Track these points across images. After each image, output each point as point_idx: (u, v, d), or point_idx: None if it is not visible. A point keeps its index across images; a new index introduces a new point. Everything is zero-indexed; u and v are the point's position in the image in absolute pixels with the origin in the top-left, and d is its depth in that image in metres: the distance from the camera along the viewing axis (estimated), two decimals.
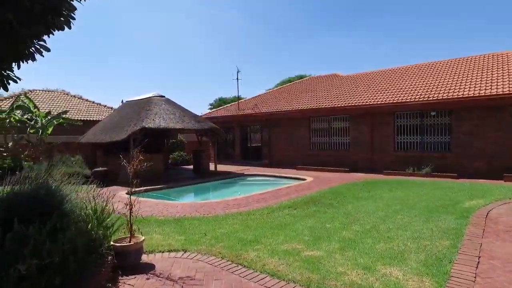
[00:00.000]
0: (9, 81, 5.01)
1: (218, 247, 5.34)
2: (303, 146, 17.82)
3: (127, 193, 11.32)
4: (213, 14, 68.51)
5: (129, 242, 4.63)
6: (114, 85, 79.81)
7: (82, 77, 76.16)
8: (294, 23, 74.47)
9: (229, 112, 22.53)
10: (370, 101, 15.00)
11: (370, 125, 15.24)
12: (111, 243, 4.54)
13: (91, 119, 20.57)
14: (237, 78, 21.82)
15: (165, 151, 19.32)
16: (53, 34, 4.81)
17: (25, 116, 16.34)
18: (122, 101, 19.26)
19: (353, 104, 15.43)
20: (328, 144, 17.01)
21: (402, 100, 13.87)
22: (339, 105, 15.95)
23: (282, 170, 16.41)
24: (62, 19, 4.24)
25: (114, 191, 12.01)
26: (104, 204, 5.03)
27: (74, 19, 4.36)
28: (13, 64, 5.02)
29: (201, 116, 19.68)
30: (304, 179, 13.31)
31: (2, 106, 17.39)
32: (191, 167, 18.72)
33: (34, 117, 16.14)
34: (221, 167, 18.64)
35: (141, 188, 12.17)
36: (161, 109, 15.24)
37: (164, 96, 16.53)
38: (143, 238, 4.81)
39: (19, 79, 5.12)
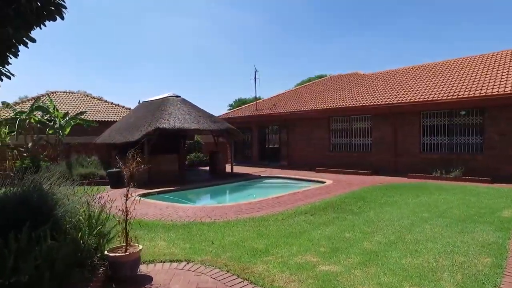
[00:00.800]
0: (1, 76, 4.78)
1: (224, 257, 4.86)
2: (323, 147, 17.14)
3: (138, 195, 11.17)
4: (233, 16, 68.53)
5: (125, 252, 4.22)
6: (136, 88, 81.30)
7: (107, 80, 78.00)
8: (314, 24, 73.44)
9: (246, 112, 22.10)
10: (393, 100, 14.17)
11: (393, 125, 14.40)
12: (105, 252, 4.14)
13: (110, 119, 20.63)
14: (255, 78, 21.34)
15: (182, 152, 19.08)
16: (45, 25, 4.51)
17: (45, 117, 16.51)
18: (139, 101, 19.21)
19: (375, 103, 14.64)
20: (349, 145, 16.26)
21: (429, 98, 12.97)
22: (360, 104, 15.19)
23: (301, 172, 15.80)
24: (52, 8, 3.91)
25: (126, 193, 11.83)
26: (101, 208, 4.61)
27: (65, 7, 4.02)
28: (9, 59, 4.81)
29: (217, 116, 19.32)
30: (323, 182, 12.66)
31: (24, 107, 17.62)
32: (208, 168, 18.40)
33: (53, 118, 16.26)
34: (238, 169, 18.23)
35: (154, 190, 12.07)
36: (176, 109, 14.96)
37: (179, 96, 16.26)
38: (140, 247, 4.39)
39: (13, 75, 4.88)
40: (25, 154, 15.52)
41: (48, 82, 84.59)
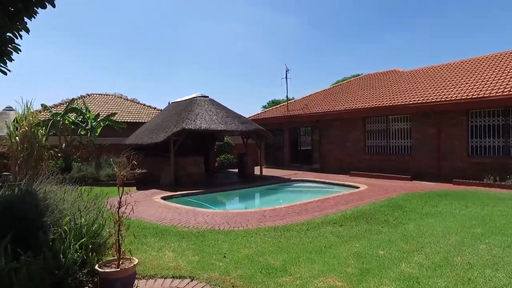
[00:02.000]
0: None
1: (234, 275, 4.22)
2: (357, 150, 16.03)
3: (162, 198, 10.86)
4: (269, 17, 68.17)
5: (117, 267, 3.70)
6: (172, 90, 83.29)
7: (144, 83, 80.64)
8: (349, 23, 71.23)
9: (278, 113, 21.40)
10: (436, 98, 12.82)
11: (436, 125, 13.05)
12: (96, 267, 3.64)
13: (141, 121, 20.81)
14: (286, 77, 20.57)
15: (210, 153, 18.77)
16: (34, 17, 4.17)
17: (78, 119, 16.87)
18: (169, 102, 19.14)
19: (416, 102, 13.36)
20: (386, 147, 15.04)
21: (479, 96, 11.54)
22: (399, 103, 13.96)
23: (333, 176, 14.83)
24: None
25: (150, 195, 11.60)
26: (95, 215, 4.15)
27: None
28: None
29: (247, 118, 18.79)
30: (356, 187, 11.67)
31: (60, 109, 18.12)
32: (237, 170, 17.92)
33: (85, 119, 16.57)
34: (268, 171, 17.60)
35: (178, 193, 11.72)
36: (204, 109, 14.60)
37: (207, 97, 15.92)
38: (136, 261, 3.85)
39: (9, 71, 4.61)
40: (59, 155, 15.91)
41: (90, 85, 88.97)
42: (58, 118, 16.03)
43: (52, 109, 18.11)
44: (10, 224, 3.46)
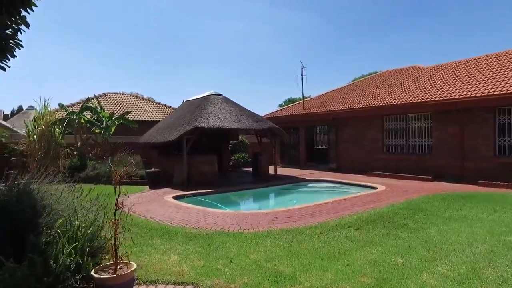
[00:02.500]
0: None
1: (239, 283, 3.94)
2: (375, 149, 15.47)
3: (174, 198, 10.70)
4: (285, 16, 67.57)
5: (114, 272, 3.48)
6: (188, 90, 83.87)
7: (163, 82, 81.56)
8: (366, 21, 69.74)
9: (293, 111, 20.99)
10: (460, 95, 12.15)
11: (459, 123, 12.38)
12: (92, 272, 3.42)
13: (156, 119, 20.82)
14: (302, 75, 20.12)
15: (224, 152, 18.57)
16: (33, 10, 4.05)
17: (93, 117, 16.99)
18: (183, 101, 19.07)
19: (437, 99, 12.71)
20: (405, 146, 14.44)
21: (509, 91, 10.83)
22: (419, 100, 13.33)
23: (350, 176, 14.35)
24: None
25: (162, 194, 11.47)
26: (94, 217, 3.94)
27: None
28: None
29: (262, 116, 18.47)
30: (374, 188, 11.20)
31: (76, 109, 18.30)
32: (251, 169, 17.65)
33: (100, 118, 16.66)
34: (283, 171, 17.26)
35: (189, 192, 11.53)
36: (217, 108, 14.39)
37: (221, 95, 15.71)
38: (134, 266, 3.62)
39: (8, 67, 4.53)
40: (75, 153, 16.06)
41: (110, 84, 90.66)
42: (74, 117, 16.18)
43: (70, 108, 18.33)
44: (3, 225, 3.28)
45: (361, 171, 15.10)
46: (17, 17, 4.32)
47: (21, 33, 4.21)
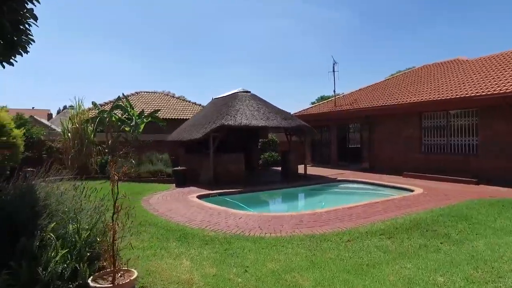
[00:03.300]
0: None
1: None
2: (412, 148, 14.43)
3: (198, 197, 10.46)
4: (318, 13, 66.23)
5: (112, 282, 3.17)
6: (222, 88, 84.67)
7: (194, 81, 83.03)
8: (402, 15, 66.59)
9: (324, 109, 20.23)
10: None
11: (511, 120, 11.16)
12: (89, 281, 3.14)
13: (186, 117, 20.88)
14: (333, 70, 19.27)
15: (254, 151, 18.21)
16: (39, 2, 3.89)
17: (124, 116, 17.26)
18: (212, 98, 18.93)
19: (484, 93, 11.53)
20: (446, 146, 13.31)
21: None
22: (463, 95, 12.19)
23: (384, 177, 13.46)
24: None
25: (187, 192, 11.28)
26: (94, 220, 3.67)
27: None
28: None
29: (292, 114, 17.90)
30: (410, 190, 10.35)
31: (108, 108, 18.70)
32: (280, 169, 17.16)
33: (130, 116, 16.90)
34: (313, 170, 16.62)
35: (215, 192, 11.25)
36: (245, 105, 14.04)
37: (249, 92, 15.35)
38: (135, 275, 3.31)
39: (16, 61, 4.48)
40: (106, 150, 16.40)
41: (146, 84, 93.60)
42: (105, 115, 16.52)
43: (103, 107, 18.78)
44: (3, 225, 3.08)
45: (396, 171, 14.13)
46: (25, 10, 4.19)
47: (30, 25, 4.12)
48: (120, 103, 17.22)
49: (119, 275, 3.36)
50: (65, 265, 3.01)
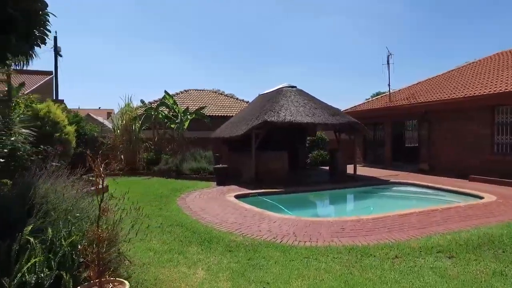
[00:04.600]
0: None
1: None
2: (481, 148, 12.55)
3: (235, 197, 9.96)
4: (377, 8, 62.99)
5: None
6: (272, 86, 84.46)
7: (246, 80, 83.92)
8: (463, 6, 60.47)
9: (377, 105, 18.70)
10: None
11: None
12: None
13: (232, 114, 20.64)
14: (388, 63, 17.66)
15: (300, 149, 17.36)
16: None
17: (170, 113, 17.47)
18: (258, 95, 18.44)
19: None
20: None
21: None
22: None
23: (445, 180, 11.86)
24: None
25: (226, 191, 10.83)
26: (92, 220, 3.26)
27: None
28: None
29: (339, 109, 16.73)
30: (479, 197, 8.86)
31: (155, 105, 19.07)
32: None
33: (176, 113, 17.05)
34: (364, 171, 15.36)
35: (254, 191, 10.65)
36: (289, 101, 13.30)
37: (295, 87, 14.57)
38: (127, 286, 2.82)
39: (35, 55, 4.41)
40: (152, 147, 16.72)
41: (199, 83, 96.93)
42: (152, 112, 16.84)
43: (152, 104, 19.22)
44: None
45: (461, 174, 12.38)
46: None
47: (48, 16, 3.98)
48: (166, 101, 17.45)
49: (110, 286, 2.91)
50: (45, 274, 2.61)
